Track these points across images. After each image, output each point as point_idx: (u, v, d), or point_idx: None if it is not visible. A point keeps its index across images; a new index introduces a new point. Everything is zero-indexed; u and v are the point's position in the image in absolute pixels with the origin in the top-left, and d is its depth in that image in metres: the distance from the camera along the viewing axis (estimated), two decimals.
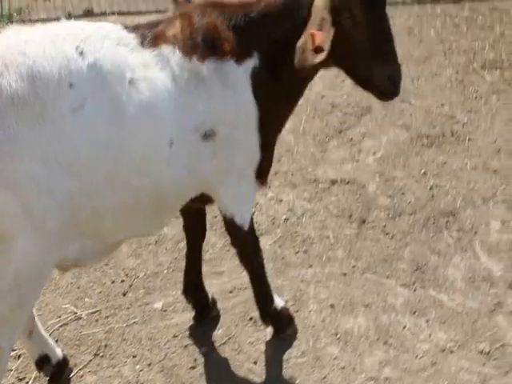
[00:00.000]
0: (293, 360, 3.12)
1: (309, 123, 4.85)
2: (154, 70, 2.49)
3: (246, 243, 3.01)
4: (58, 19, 2.47)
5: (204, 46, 2.60)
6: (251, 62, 2.69)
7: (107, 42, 2.41)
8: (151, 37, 2.55)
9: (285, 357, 3.13)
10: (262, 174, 2.89)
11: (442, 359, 3.10)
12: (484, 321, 3.30)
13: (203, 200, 2.88)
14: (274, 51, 2.71)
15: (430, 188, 4.22)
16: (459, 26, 6.29)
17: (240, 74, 2.66)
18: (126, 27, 2.55)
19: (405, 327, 3.27)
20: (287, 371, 3.07)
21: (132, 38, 2.52)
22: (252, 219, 2.95)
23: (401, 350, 3.16)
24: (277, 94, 2.77)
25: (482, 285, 3.51)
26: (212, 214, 3.85)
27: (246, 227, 2.92)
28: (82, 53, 2.31)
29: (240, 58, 2.66)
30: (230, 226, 2.92)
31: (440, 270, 3.60)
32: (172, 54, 2.54)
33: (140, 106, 2.40)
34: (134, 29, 2.56)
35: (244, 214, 2.91)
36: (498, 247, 3.74)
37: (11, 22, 6.40)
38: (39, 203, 2.20)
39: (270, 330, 3.24)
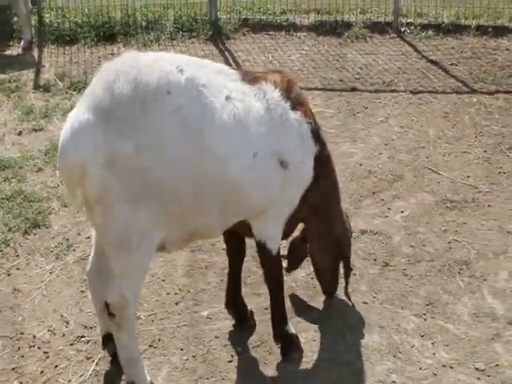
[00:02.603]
0: (313, 362, 3.69)
1: (346, 184, 5.47)
2: (250, 99, 3.20)
3: (272, 265, 3.60)
4: None
5: (296, 101, 3.36)
6: (316, 146, 3.47)
7: (208, 68, 3.15)
8: (252, 77, 3.29)
9: (307, 359, 3.71)
10: (289, 224, 3.57)
11: (442, 372, 3.63)
12: (483, 347, 3.81)
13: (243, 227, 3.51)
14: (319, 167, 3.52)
15: (449, 242, 4.79)
16: (492, 114, 6.88)
17: (310, 140, 3.43)
18: (229, 66, 3.27)
19: (413, 346, 3.81)
20: (308, 370, 3.64)
21: (233, 73, 3.24)
22: (279, 248, 3.58)
23: (407, 362, 3.69)
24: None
25: (485, 319, 4.02)
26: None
27: (274, 252, 3.54)
28: (181, 70, 3.03)
29: (313, 133, 3.43)
30: (262, 249, 3.54)
31: (449, 306, 4.14)
32: (272, 91, 3.28)
33: (233, 117, 3.09)
34: (237, 69, 3.31)
35: (274, 241, 3.53)
36: (504, 292, 4.26)
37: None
38: (130, 180, 2.91)
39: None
